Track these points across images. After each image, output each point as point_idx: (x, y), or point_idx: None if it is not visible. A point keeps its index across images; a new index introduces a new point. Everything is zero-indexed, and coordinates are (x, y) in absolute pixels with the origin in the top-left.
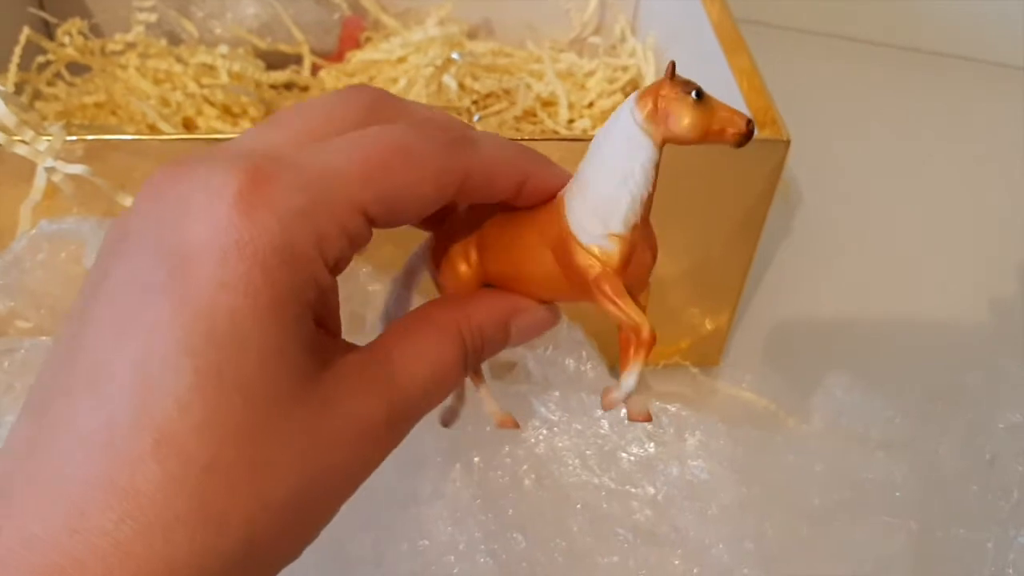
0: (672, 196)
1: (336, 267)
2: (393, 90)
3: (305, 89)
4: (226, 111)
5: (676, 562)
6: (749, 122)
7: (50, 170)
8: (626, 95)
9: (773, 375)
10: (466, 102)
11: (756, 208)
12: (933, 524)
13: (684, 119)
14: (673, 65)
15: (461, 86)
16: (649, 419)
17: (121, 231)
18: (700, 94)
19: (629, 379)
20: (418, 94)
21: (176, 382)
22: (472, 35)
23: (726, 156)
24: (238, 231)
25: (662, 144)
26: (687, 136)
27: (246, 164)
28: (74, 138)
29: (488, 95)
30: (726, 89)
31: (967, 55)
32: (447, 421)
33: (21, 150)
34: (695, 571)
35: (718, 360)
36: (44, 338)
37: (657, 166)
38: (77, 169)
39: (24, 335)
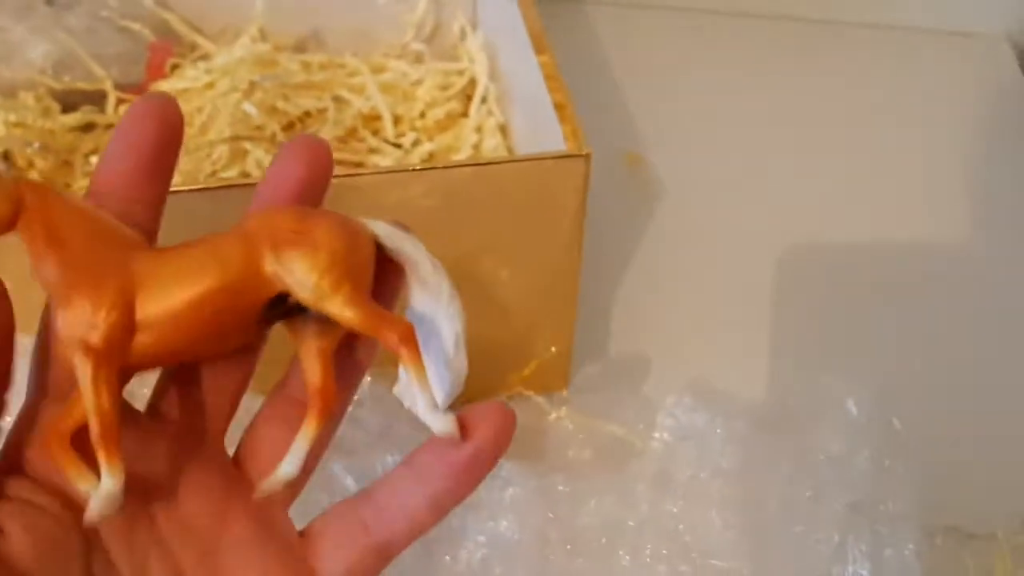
0: (485, 226)
1: None
2: (196, 122)
3: (109, 127)
4: (12, 166)
5: None
6: None
7: None
8: (466, 101)
9: (622, 397)
10: (275, 127)
11: (572, 225)
12: (762, 569)
13: None
14: None
15: (273, 109)
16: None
17: None
18: None
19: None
20: (222, 124)
21: None
22: (300, 48)
23: (529, 179)
24: None
25: None
26: None
27: None
28: None
29: (307, 115)
30: (539, 94)
31: (838, 19)
32: None
33: None
34: None
35: (565, 385)
36: None
37: None
38: None
39: None
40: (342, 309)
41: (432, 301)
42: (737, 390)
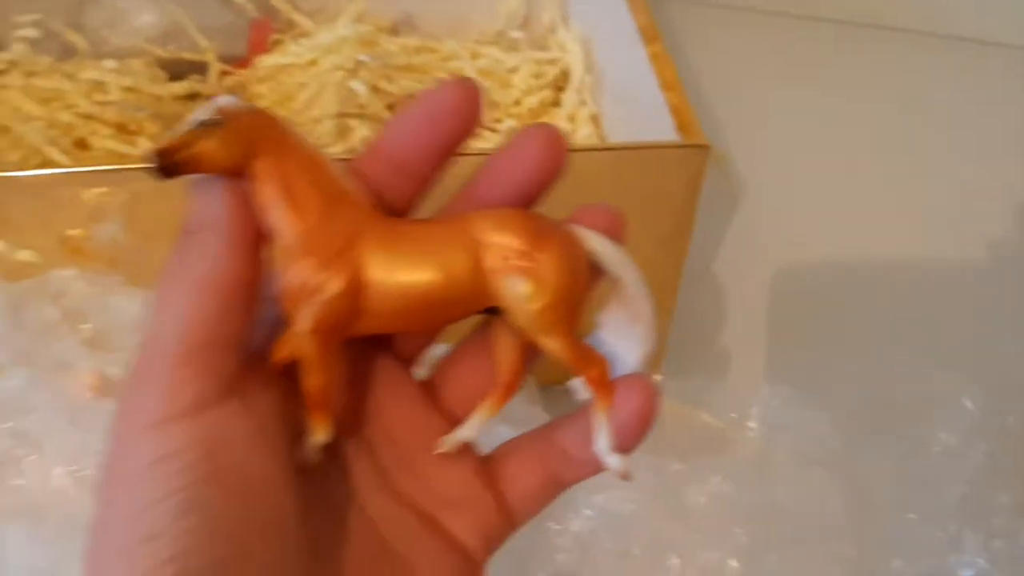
0: None
1: None
2: (301, 97)
3: (211, 98)
4: (121, 129)
5: None
6: (156, 153)
7: None
8: (555, 90)
9: (714, 385)
10: (378, 107)
11: (682, 215)
12: (871, 554)
13: None
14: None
15: (376, 89)
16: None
17: None
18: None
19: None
20: (328, 101)
21: None
22: (394, 31)
23: (645, 164)
24: None
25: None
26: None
27: None
28: None
29: (407, 97)
30: (649, 89)
31: (919, 28)
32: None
33: None
34: None
35: (657, 371)
36: None
37: None
38: None
39: None
40: (552, 343)
41: (627, 321)
42: (832, 384)
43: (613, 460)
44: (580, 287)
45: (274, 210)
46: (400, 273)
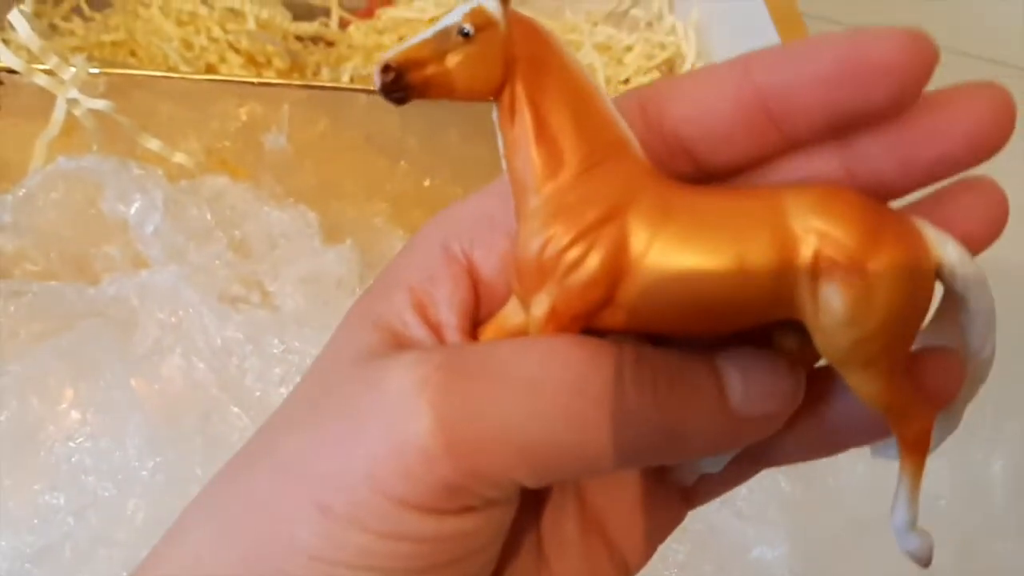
0: None
1: None
2: None
3: (331, 44)
4: (250, 60)
5: (707, 567)
6: (385, 68)
7: (71, 102)
8: (662, 73)
9: None
10: None
11: None
12: (976, 537)
13: None
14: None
15: None
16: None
17: None
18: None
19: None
20: None
21: None
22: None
23: None
24: None
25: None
26: None
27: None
28: (97, 71)
29: None
30: None
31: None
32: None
33: (41, 80)
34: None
35: None
36: (53, 283)
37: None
38: (100, 104)
39: (31, 278)
40: (864, 383)
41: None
42: None
43: (913, 541)
44: (917, 312)
45: (521, 157)
46: (677, 258)
